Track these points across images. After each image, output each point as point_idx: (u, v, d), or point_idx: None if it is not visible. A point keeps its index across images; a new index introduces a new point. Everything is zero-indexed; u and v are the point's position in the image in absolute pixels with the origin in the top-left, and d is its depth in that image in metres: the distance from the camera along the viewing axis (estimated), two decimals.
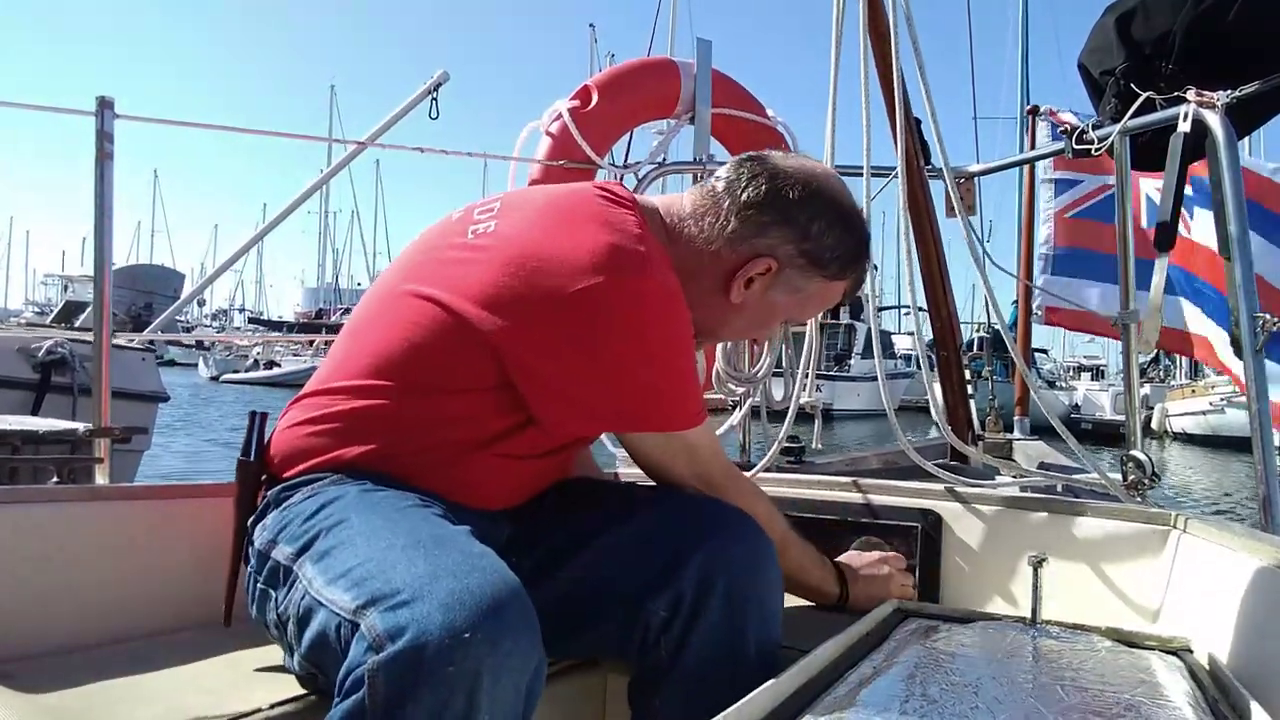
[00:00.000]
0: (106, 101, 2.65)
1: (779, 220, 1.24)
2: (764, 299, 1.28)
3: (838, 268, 1.29)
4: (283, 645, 1.10)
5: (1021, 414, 4.81)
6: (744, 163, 1.29)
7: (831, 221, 1.26)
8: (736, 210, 1.24)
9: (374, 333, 1.19)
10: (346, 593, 0.92)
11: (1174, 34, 1.92)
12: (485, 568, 0.91)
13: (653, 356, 1.14)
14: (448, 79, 3.35)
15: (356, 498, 1.07)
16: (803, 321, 1.45)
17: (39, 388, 5.56)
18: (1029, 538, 1.52)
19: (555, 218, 1.17)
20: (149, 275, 29.48)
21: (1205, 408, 20.90)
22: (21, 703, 1.02)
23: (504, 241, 1.16)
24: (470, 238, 1.19)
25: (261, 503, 1.18)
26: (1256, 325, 1.60)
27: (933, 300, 2.72)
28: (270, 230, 3.88)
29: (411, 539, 0.96)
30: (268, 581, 1.09)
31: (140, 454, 6.13)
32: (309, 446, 1.16)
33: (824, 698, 0.85)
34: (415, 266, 1.23)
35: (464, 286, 1.13)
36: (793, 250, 1.25)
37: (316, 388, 1.21)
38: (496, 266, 1.13)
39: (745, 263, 1.24)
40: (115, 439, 2.93)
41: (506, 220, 1.20)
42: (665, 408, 1.19)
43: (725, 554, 1.15)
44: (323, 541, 1.02)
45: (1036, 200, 5.31)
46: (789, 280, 1.27)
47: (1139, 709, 0.83)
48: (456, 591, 0.86)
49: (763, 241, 1.24)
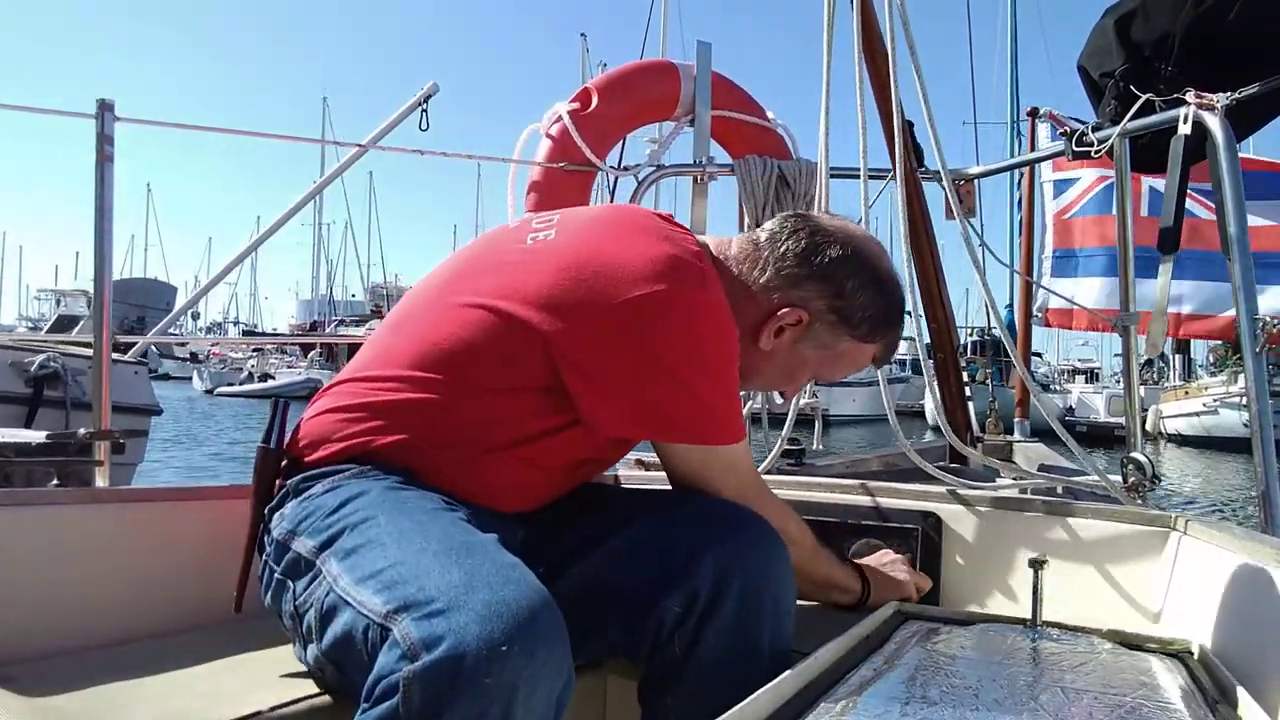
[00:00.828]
0: (107, 104, 2.66)
1: (814, 275, 1.27)
2: (792, 351, 1.31)
3: (868, 329, 1.31)
4: (295, 637, 1.11)
5: (1021, 416, 4.81)
6: (788, 219, 1.33)
7: (865, 283, 1.28)
8: (775, 260, 1.27)
9: (420, 328, 1.20)
10: (377, 595, 0.92)
11: (1173, 36, 1.92)
12: (519, 579, 0.92)
13: (707, 368, 1.16)
14: (437, 91, 3.36)
15: (381, 495, 1.07)
16: (832, 381, 1.47)
17: (31, 401, 5.57)
18: (1029, 539, 1.52)
19: (617, 228, 1.20)
20: (141, 289, 29.58)
21: (1199, 409, 20.90)
22: (22, 704, 1.02)
23: (565, 247, 1.18)
24: (529, 244, 1.22)
25: (280, 491, 1.18)
26: (1256, 326, 1.60)
27: (929, 303, 2.72)
28: (264, 241, 3.89)
29: (443, 545, 0.96)
30: (286, 572, 1.09)
31: (134, 466, 6.13)
32: (336, 433, 1.16)
33: (825, 700, 0.85)
34: (468, 271, 1.24)
35: (522, 289, 1.15)
36: (824, 306, 1.27)
37: (352, 375, 1.21)
38: (556, 270, 1.15)
39: (775, 312, 1.27)
40: (114, 442, 2.93)
41: (566, 229, 1.23)
42: (708, 419, 1.20)
43: (741, 553, 1.16)
44: (349, 538, 1.02)
45: (1037, 202, 5.32)
46: (818, 335, 1.30)
47: (1139, 711, 0.83)
48: (492, 603, 0.87)
49: (796, 294, 1.27)
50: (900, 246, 1.86)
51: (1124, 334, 1.96)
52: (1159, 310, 1.86)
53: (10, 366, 5.56)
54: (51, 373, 5.59)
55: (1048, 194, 5.28)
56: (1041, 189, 5.30)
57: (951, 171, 2.15)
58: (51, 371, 5.59)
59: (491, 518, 1.13)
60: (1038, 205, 5.33)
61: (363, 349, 1.27)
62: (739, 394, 1.25)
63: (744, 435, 1.25)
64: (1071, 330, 5.64)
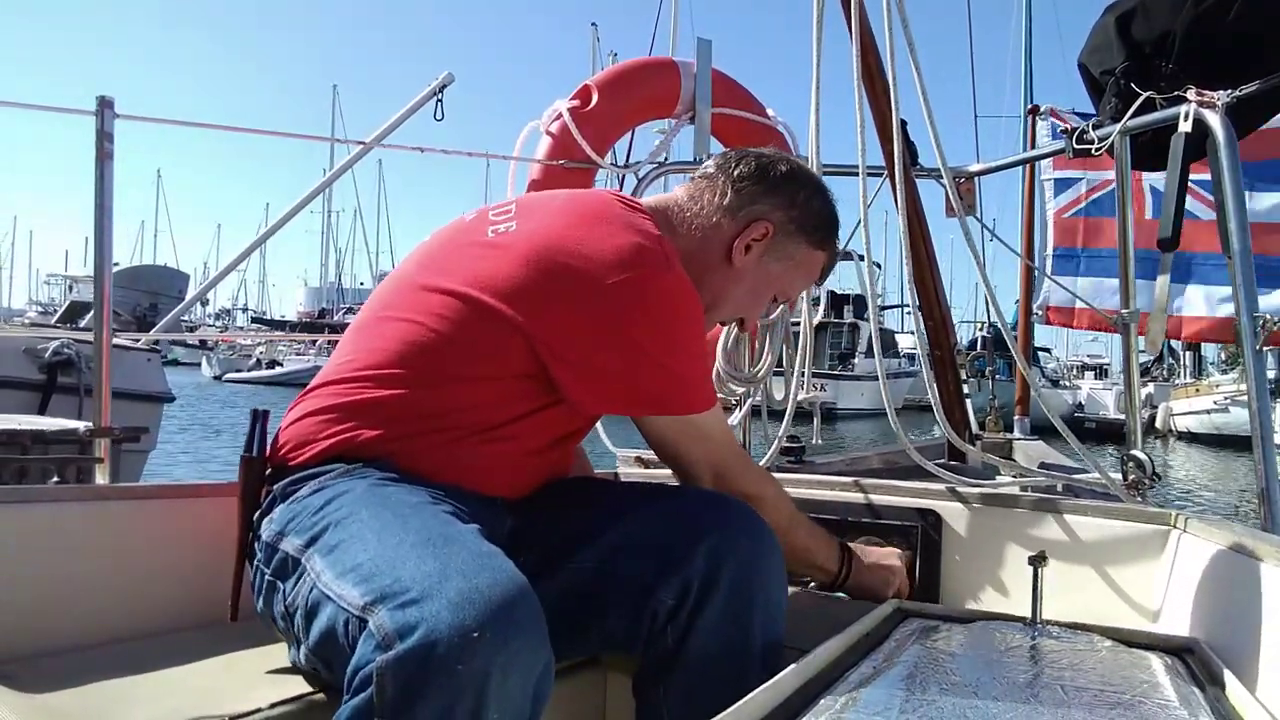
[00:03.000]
0: (107, 101, 2.65)
1: (770, 189, 1.38)
2: (759, 266, 1.39)
3: (821, 235, 1.43)
4: (288, 638, 1.11)
5: (1022, 413, 4.81)
6: (728, 153, 1.45)
7: (813, 191, 1.42)
8: (732, 184, 1.37)
9: (389, 325, 1.21)
10: (355, 588, 0.93)
11: (1174, 34, 1.92)
12: (495, 567, 0.92)
13: (683, 346, 1.23)
14: (452, 80, 3.34)
15: (366, 491, 1.08)
16: (790, 298, 1.53)
17: (45, 388, 5.59)
18: (1029, 537, 1.52)
19: (577, 216, 1.24)
20: (154, 276, 29.48)
21: (1209, 407, 20.89)
22: (22, 703, 1.02)
23: (529, 237, 1.21)
24: (491, 236, 1.24)
25: (267, 497, 1.18)
26: (1256, 325, 1.60)
27: (924, 299, 2.72)
28: (274, 233, 3.89)
29: (421, 536, 0.97)
30: (276, 573, 1.10)
31: (146, 454, 6.15)
32: (318, 435, 1.17)
33: (824, 697, 0.85)
34: (432, 263, 1.26)
35: (491, 280, 1.18)
36: (783, 216, 1.38)
37: (326, 379, 1.22)
38: (524, 260, 1.18)
39: (744, 228, 1.36)
40: (115, 439, 2.93)
41: (527, 220, 1.25)
42: (686, 393, 1.27)
43: (732, 545, 1.17)
44: (332, 534, 1.03)
45: (1037, 200, 5.32)
46: (782, 247, 1.39)
47: (1139, 708, 0.83)
48: (465, 590, 0.87)
49: (758, 209, 1.37)
50: (898, 244, 1.86)
51: (1124, 331, 1.96)
52: (1159, 309, 1.86)
53: (24, 353, 5.59)
54: (65, 359, 5.61)
55: (1048, 192, 5.28)
56: (1042, 187, 5.30)
57: (952, 169, 2.14)
58: (65, 358, 5.61)
59: (480, 507, 1.14)
60: (1038, 203, 5.33)
61: (338, 348, 1.28)
62: (709, 364, 1.33)
63: (715, 400, 1.34)
64: (1073, 328, 5.65)
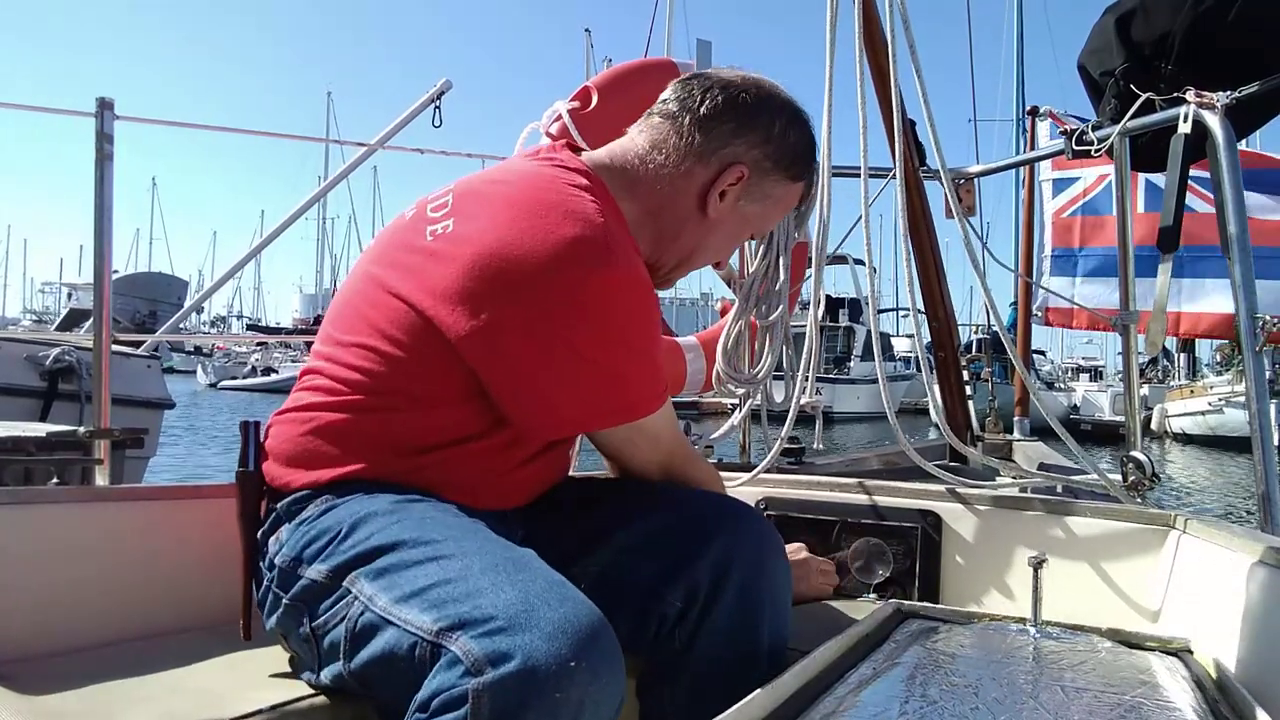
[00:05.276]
0: (106, 103, 2.66)
1: (742, 126, 1.25)
2: (735, 211, 1.30)
3: (800, 167, 1.32)
4: (307, 658, 1.09)
5: (1021, 415, 4.81)
6: (688, 82, 1.30)
7: (790, 119, 1.29)
8: (699, 125, 1.25)
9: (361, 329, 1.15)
10: (425, 614, 0.92)
11: (1174, 35, 1.92)
12: (574, 598, 0.92)
13: (628, 345, 1.12)
14: (450, 87, 3.35)
15: (393, 510, 1.05)
16: (764, 234, 1.45)
17: (46, 395, 5.58)
18: (1029, 538, 1.52)
19: (513, 212, 1.11)
20: (153, 283, 29.44)
21: (1204, 408, 20.89)
22: (21, 703, 1.02)
23: (463, 243, 1.10)
24: (429, 239, 1.14)
25: (267, 514, 1.16)
26: (1256, 325, 1.60)
27: (930, 301, 2.72)
28: (270, 242, 3.91)
29: (486, 561, 0.96)
30: (298, 598, 1.07)
31: (146, 460, 6.14)
32: (313, 452, 1.13)
33: (824, 699, 0.85)
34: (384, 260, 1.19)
35: (431, 295, 1.09)
36: (758, 154, 1.27)
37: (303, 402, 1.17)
38: (459, 271, 1.08)
39: (718, 176, 1.25)
40: (115, 441, 2.93)
41: (463, 218, 1.14)
42: (630, 396, 1.17)
43: (740, 548, 1.17)
44: (377, 558, 1.01)
45: (1036, 201, 5.32)
46: (758, 187, 1.29)
47: (1139, 709, 0.83)
48: (557, 621, 0.87)
49: (730, 150, 1.25)
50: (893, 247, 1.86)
51: (1123, 333, 1.96)
52: (1158, 309, 1.86)
53: (25, 360, 5.58)
54: (66, 366, 5.60)
55: (1046, 193, 5.28)
56: (1040, 188, 5.30)
57: (951, 170, 2.14)
58: (66, 365, 5.60)
59: (495, 520, 1.12)
60: (1037, 204, 5.33)
61: (310, 360, 1.23)
62: (659, 360, 1.19)
63: (664, 399, 1.22)
64: (1072, 329, 5.65)
